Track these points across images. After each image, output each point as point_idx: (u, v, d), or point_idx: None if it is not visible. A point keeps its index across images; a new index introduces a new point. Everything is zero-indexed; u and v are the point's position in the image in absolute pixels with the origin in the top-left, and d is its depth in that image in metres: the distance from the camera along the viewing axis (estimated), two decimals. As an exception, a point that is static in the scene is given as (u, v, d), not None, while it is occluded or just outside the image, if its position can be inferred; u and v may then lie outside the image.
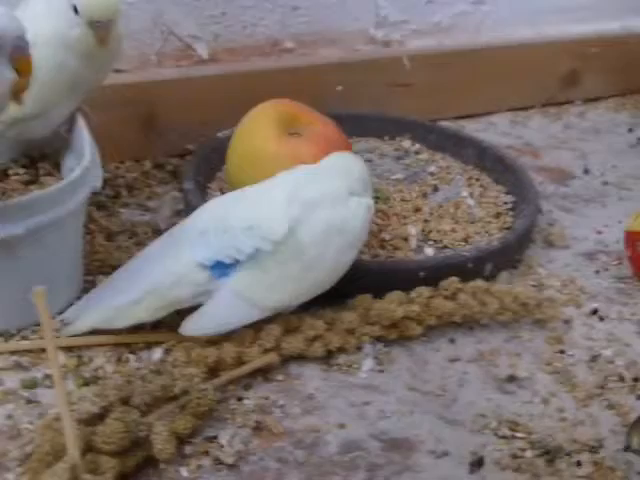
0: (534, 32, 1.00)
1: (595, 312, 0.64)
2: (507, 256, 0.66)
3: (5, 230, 0.52)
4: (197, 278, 0.54)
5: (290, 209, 0.54)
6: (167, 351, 0.56)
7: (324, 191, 0.55)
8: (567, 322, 0.63)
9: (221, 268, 0.54)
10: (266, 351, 0.55)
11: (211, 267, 0.54)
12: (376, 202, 0.70)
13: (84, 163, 0.57)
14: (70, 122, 0.64)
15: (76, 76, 0.61)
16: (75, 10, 0.59)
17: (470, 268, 0.62)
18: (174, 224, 0.69)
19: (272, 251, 0.53)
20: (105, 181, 0.62)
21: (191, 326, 0.55)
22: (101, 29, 0.60)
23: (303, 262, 0.54)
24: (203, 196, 0.70)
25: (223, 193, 0.73)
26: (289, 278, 0.54)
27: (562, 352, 0.60)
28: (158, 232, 0.69)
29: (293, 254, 0.54)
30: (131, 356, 0.56)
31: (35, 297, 0.47)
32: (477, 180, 0.77)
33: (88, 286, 0.61)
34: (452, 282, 0.60)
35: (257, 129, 0.65)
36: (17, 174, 0.65)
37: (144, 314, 0.55)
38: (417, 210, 0.71)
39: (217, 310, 0.55)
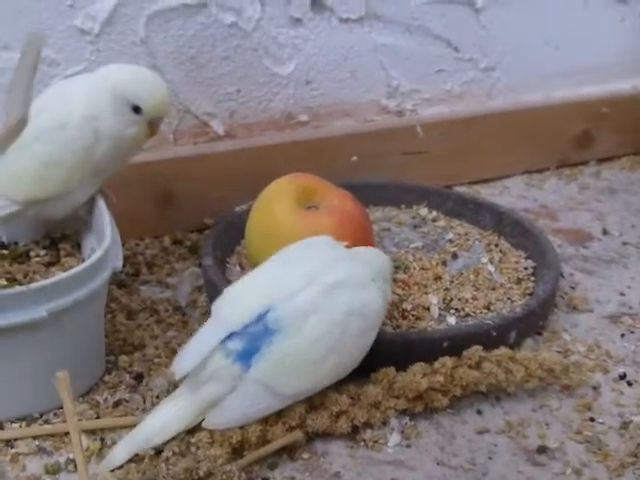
0: (544, 95, 1.01)
1: (623, 377, 0.63)
2: (531, 322, 0.66)
3: (28, 314, 0.53)
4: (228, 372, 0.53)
5: (308, 292, 0.53)
6: (189, 432, 0.55)
7: (346, 275, 0.55)
8: (595, 388, 0.62)
9: (245, 357, 0.52)
10: (291, 429, 0.54)
11: (237, 357, 0.53)
12: (396, 272, 0.71)
13: (105, 245, 0.57)
14: (90, 203, 0.65)
15: (106, 163, 0.62)
16: (135, 110, 0.60)
17: (494, 336, 0.62)
18: (194, 301, 0.70)
19: (289, 335, 0.52)
20: (125, 259, 0.63)
21: (215, 420, 0.53)
22: (157, 124, 0.62)
23: (322, 346, 0.53)
24: (222, 271, 0.70)
25: (242, 267, 0.73)
26: (309, 363, 0.53)
27: (592, 420, 0.59)
28: (179, 309, 0.69)
29: (311, 339, 0.53)
30: (154, 437, 0.55)
31: (58, 382, 0.47)
32: (496, 246, 0.77)
33: (110, 367, 0.61)
34: (476, 351, 0.59)
35: (275, 204, 0.66)
36: (38, 255, 0.66)
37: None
38: (437, 278, 0.71)
39: (240, 402, 0.53)
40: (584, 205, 0.93)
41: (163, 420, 0.53)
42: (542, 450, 0.56)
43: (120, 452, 0.53)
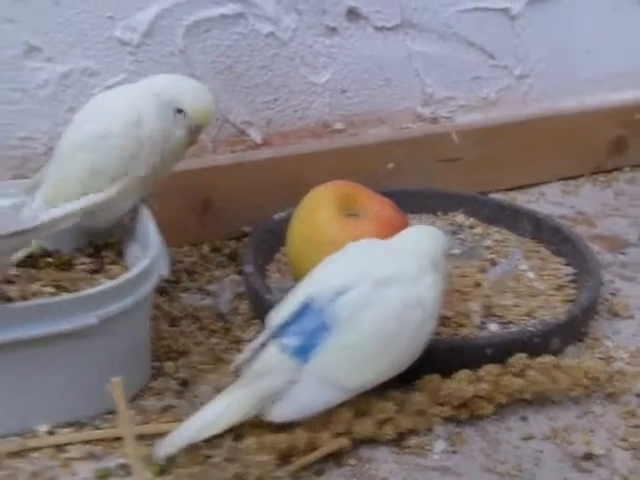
0: (579, 101, 1.01)
1: (667, 384, 0.63)
2: (573, 329, 0.66)
3: (78, 321, 0.53)
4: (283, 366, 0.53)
5: (362, 287, 0.54)
6: (237, 437, 0.56)
7: (397, 270, 0.56)
8: (639, 395, 0.61)
9: (302, 353, 0.53)
10: (337, 435, 0.54)
11: (294, 353, 0.53)
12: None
13: (152, 253, 0.58)
14: (133, 211, 0.66)
15: (147, 170, 0.63)
16: (179, 113, 0.62)
17: (537, 343, 0.62)
18: (236, 308, 0.71)
19: (345, 330, 0.53)
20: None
21: (278, 413, 0.54)
22: (198, 133, 0.63)
23: (379, 340, 0.54)
24: (263, 279, 0.71)
25: (282, 275, 0.73)
26: (368, 357, 0.54)
27: (637, 427, 0.58)
28: (221, 316, 0.70)
29: (368, 333, 0.53)
30: (201, 444, 0.56)
31: (112, 387, 0.48)
32: (535, 252, 0.77)
33: (155, 373, 0.62)
34: (520, 358, 0.59)
35: (317, 211, 0.66)
36: (83, 263, 0.67)
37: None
38: (477, 285, 0.71)
39: (301, 396, 0.53)
40: (620, 211, 0.93)
41: (216, 413, 0.53)
42: (588, 457, 0.56)
43: (171, 443, 0.53)
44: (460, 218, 0.84)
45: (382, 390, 0.57)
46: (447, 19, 0.89)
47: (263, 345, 0.55)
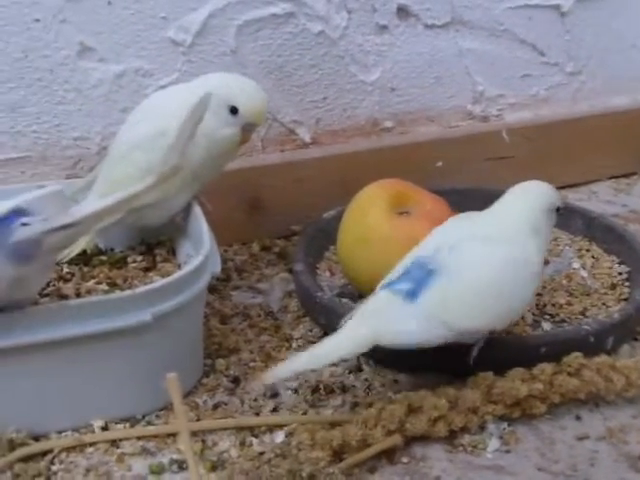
0: (631, 99, 0.99)
1: None
2: (628, 328, 0.65)
3: (133, 317, 0.54)
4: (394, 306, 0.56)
5: (470, 242, 0.58)
6: (289, 434, 0.56)
7: (502, 231, 0.59)
8: (696, 395, 0.60)
9: (412, 295, 0.56)
10: (390, 433, 0.54)
11: (405, 295, 0.56)
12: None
13: (204, 251, 0.58)
14: (186, 210, 0.67)
15: (203, 169, 0.64)
16: (232, 111, 0.62)
17: (591, 342, 0.61)
18: (286, 306, 0.71)
19: (453, 278, 0.56)
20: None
21: (388, 341, 0.55)
22: (250, 132, 0.63)
23: (488, 287, 0.57)
24: (313, 277, 0.71)
25: (332, 273, 0.74)
26: (472, 302, 0.56)
27: (694, 427, 0.57)
28: (271, 314, 0.70)
29: (472, 282, 0.56)
30: (254, 440, 0.56)
31: (168, 383, 0.48)
32: (587, 251, 0.76)
33: (207, 369, 0.62)
34: (576, 358, 0.58)
35: (368, 210, 0.66)
36: (135, 261, 0.68)
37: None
38: (529, 284, 0.70)
39: (411, 329, 0.55)
40: (673, 208, 0.91)
41: (327, 347, 0.55)
42: (645, 457, 0.55)
43: (284, 370, 0.54)
44: (511, 216, 0.83)
45: (435, 387, 0.57)
46: (497, 16, 0.88)
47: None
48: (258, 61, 0.79)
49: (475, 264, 0.57)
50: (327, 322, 0.65)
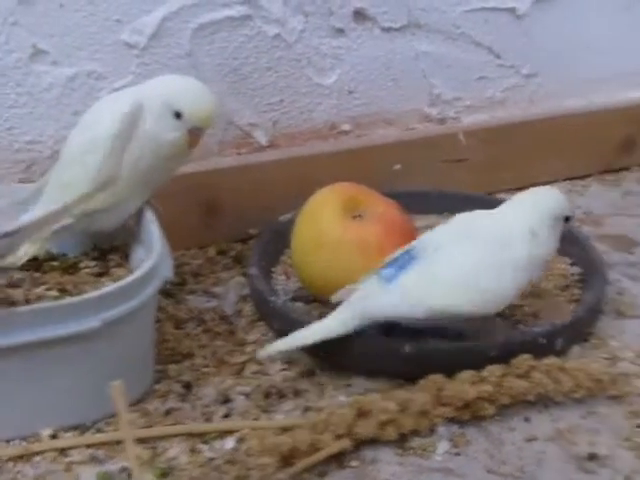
0: (586, 101, 1.00)
1: (672, 383, 0.62)
2: (578, 330, 0.65)
3: (82, 324, 0.54)
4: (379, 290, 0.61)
5: (448, 228, 0.64)
6: (240, 440, 0.56)
7: (491, 229, 0.63)
8: (644, 395, 0.61)
9: (394, 278, 0.61)
10: (339, 437, 0.54)
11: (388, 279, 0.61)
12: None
13: (155, 255, 0.58)
14: (138, 214, 0.66)
15: (152, 173, 0.63)
16: (176, 115, 0.61)
17: (542, 344, 0.61)
18: (240, 310, 0.71)
19: (431, 261, 0.61)
20: (172, 268, 0.64)
21: (366, 315, 0.60)
22: (198, 135, 0.62)
23: (458, 271, 0.61)
24: (268, 280, 0.71)
25: (287, 277, 0.73)
26: (446, 284, 0.60)
27: (641, 427, 0.58)
28: (225, 318, 0.70)
29: (448, 263, 0.61)
30: (204, 446, 0.56)
31: (112, 391, 0.48)
32: (541, 252, 0.76)
33: (159, 375, 0.62)
34: (525, 360, 0.59)
35: (321, 213, 0.66)
36: (88, 267, 0.67)
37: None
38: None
39: (385, 304, 0.60)
40: (628, 211, 0.92)
41: (321, 325, 0.60)
42: (592, 457, 0.55)
43: (275, 346, 0.61)
44: (467, 219, 0.83)
45: (387, 390, 0.57)
46: (454, 19, 0.88)
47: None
48: (214, 64, 0.79)
49: (453, 255, 0.61)
50: (281, 326, 0.65)
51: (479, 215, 0.65)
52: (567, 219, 0.65)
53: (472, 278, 0.60)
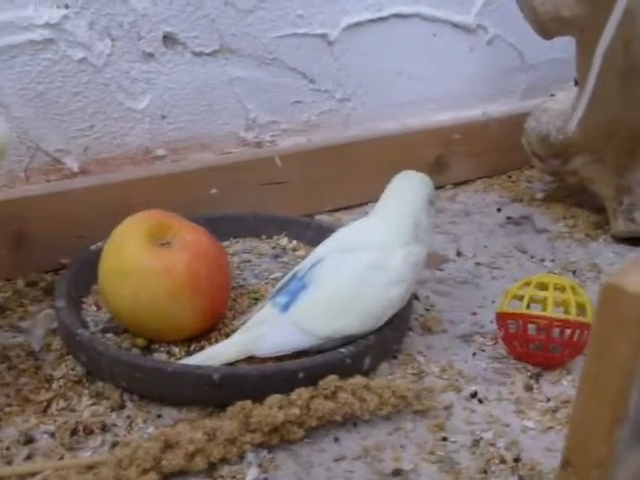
0: (399, 123, 1.04)
1: (474, 395, 0.65)
2: (385, 347, 0.67)
3: None
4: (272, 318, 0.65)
5: (334, 254, 0.67)
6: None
7: (364, 239, 0.68)
8: (447, 408, 0.64)
9: (287, 307, 0.65)
10: (145, 471, 0.53)
11: (281, 307, 0.65)
12: (255, 303, 0.72)
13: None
14: None
15: None
16: None
17: (349, 364, 0.63)
18: (48, 345, 0.68)
19: (318, 287, 0.65)
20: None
21: (259, 351, 0.64)
22: None
23: (344, 294, 0.65)
24: (77, 312, 0.69)
25: (99, 307, 0.72)
26: (333, 309, 0.64)
27: (444, 439, 0.60)
28: (32, 354, 0.67)
29: (334, 288, 0.65)
30: (2, 490, 0.54)
31: None
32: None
33: (-44, 419, 0.59)
34: (332, 381, 0.60)
35: (126, 243, 0.65)
36: None
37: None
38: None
39: (277, 337, 0.64)
40: (440, 228, 0.96)
41: (217, 351, 0.64)
42: (397, 473, 0.57)
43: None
44: (284, 241, 0.85)
45: (195, 419, 0.57)
46: (266, 45, 0.90)
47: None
48: (16, 88, 0.76)
49: (333, 274, 0.65)
50: (88, 360, 0.63)
51: (357, 228, 0.70)
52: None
53: (350, 299, 0.65)
